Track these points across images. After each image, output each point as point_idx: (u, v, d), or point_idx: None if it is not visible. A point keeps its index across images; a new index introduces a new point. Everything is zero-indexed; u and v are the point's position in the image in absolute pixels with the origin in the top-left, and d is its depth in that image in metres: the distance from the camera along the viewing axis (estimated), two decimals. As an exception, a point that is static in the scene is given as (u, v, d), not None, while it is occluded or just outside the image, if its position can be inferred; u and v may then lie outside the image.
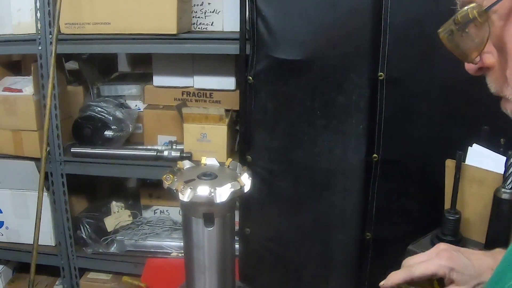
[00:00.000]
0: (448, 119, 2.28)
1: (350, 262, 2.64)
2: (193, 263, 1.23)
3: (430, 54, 2.26)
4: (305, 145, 2.49)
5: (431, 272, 1.19)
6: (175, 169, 1.20)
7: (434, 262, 1.19)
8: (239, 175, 1.14)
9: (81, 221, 3.24)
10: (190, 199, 1.08)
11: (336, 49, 2.35)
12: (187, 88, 3.09)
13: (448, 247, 1.24)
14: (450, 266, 1.18)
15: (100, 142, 3.07)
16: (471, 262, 1.20)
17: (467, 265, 1.19)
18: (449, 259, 1.19)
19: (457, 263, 1.18)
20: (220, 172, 1.19)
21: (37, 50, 2.83)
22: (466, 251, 1.24)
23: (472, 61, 0.90)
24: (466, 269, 1.18)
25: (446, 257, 1.19)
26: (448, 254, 1.20)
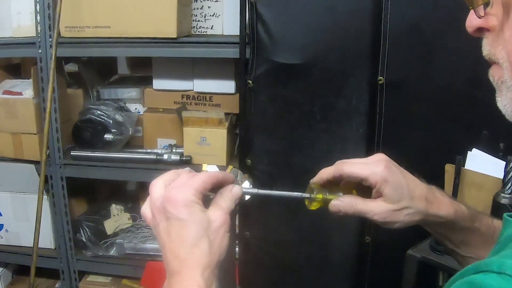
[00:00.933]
0: (448, 124, 2.28)
1: (349, 265, 2.64)
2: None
3: (430, 58, 2.28)
4: (304, 148, 2.50)
5: (363, 175, 1.09)
6: None
7: (369, 167, 1.10)
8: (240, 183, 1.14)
9: (80, 224, 3.23)
10: None
11: (335, 53, 2.36)
12: (187, 92, 3.09)
13: (388, 159, 1.12)
14: (385, 177, 1.07)
15: (100, 145, 3.06)
16: (407, 182, 1.10)
17: (401, 184, 1.08)
18: (386, 169, 1.08)
19: (393, 178, 1.08)
20: None
21: (37, 53, 2.82)
22: (404, 171, 1.13)
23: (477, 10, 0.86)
24: (400, 187, 1.08)
25: (384, 166, 1.09)
26: (387, 164, 1.10)
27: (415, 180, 1.13)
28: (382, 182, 1.07)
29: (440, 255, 1.91)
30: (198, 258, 0.92)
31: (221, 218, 0.97)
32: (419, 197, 1.10)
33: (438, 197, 1.14)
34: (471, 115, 2.25)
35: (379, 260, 2.56)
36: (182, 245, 0.93)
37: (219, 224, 0.96)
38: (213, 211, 0.97)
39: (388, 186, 1.07)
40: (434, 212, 1.11)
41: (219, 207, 0.99)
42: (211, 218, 0.95)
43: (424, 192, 1.11)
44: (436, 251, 1.93)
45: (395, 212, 1.08)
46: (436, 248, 1.93)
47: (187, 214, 0.93)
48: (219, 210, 0.98)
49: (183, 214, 0.93)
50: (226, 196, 1.02)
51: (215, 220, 0.96)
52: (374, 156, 1.14)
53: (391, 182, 1.07)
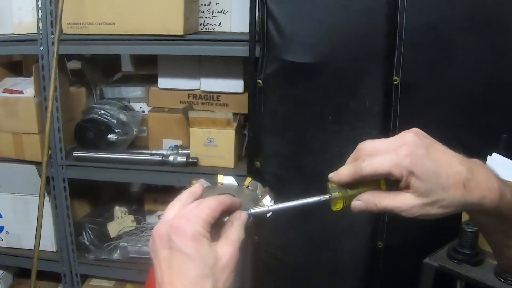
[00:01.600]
0: (465, 127, 2.21)
1: (360, 271, 2.58)
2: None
3: (447, 59, 2.21)
4: (316, 151, 2.43)
5: (384, 171, 0.93)
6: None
7: (390, 159, 0.93)
8: (260, 198, 1.05)
9: (83, 227, 3.18)
10: None
11: (349, 53, 2.29)
12: (194, 91, 3.02)
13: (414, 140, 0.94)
14: (410, 169, 0.91)
15: (103, 146, 3.00)
16: (439, 170, 0.92)
17: (431, 173, 0.92)
18: (410, 158, 0.91)
19: (420, 167, 0.92)
20: (239, 193, 1.09)
21: (39, 51, 2.76)
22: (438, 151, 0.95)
23: None
24: (429, 177, 0.92)
25: (408, 154, 0.92)
26: (411, 151, 0.92)
27: (451, 162, 0.95)
28: (408, 175, 0.91)
29: (459, 264, 1.85)
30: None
31: (229, 255, 0.89)
32: (454, 185, 0.93)
33: (480, 180, 0.95)
34: (490, 118, 2.20)
35: (392, 266, 2.50)
36: (183, 282, 0.85)
37: (226, 262, 0.88)
38: (222, 247, 0.89)
39: (414, 179, 0.92)
40: (473, 201, 0.94)
41: (228, 241, 0.91)
42: (218, 255, 0.88)
43: (462, 178, 0.93)
44: (454, 259, 1.87)
45: (425, 207, 0.93)
46: (454, 257, 1.87)
47: (193, 249, 0.85)
48: (229, 246, 0.90)
49: (189, 248, 0.85)
50: (236, 225, 0.94)
51: (222, 257, 0.88)
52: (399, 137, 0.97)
53: (418, 173, 0.91)
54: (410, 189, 0.93)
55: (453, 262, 1.87)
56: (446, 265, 1.87)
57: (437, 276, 1.90)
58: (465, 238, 1.83)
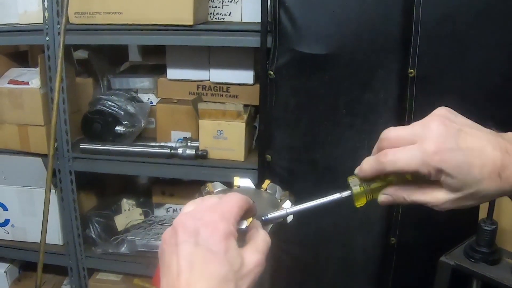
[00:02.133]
0: (481, 121, 2.14)
1: (372, 267, 2.56)
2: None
3: (463, 52, 2.17)
4: (328, 144, 2.39)
5: (409, 169, 0.85)
6: (204, 192, 1.05)
7: (416, 157, 0.83)
8: (280, 202, 0.99)
9: (90, 220, 3.16)
10: None
11: (363, 44, 2.24)
12: (203, 82, 2.97)
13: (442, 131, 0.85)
14: (439, 167, 0.82)
15: (111, 138, 2.96)
16: (471, 161, 0.83)
17: (463, 167, 0.83)
18: (439, 155, 0.82)
19: (450, 164, 0.83)
20: (257, 197, 1.03)
21: (44, 41, 2.71)
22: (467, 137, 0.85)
23: None
24: (461, 171, 0.83)
25: (436, 151, 0.82)
26: (439, 146, 0.83)
27: (484, 148, 0.85)
28: (437, 173, 0.83)
29: (475, 263, 1.83)
30: None
31: (255, 263, 0.80)
32: (489, 175, 0.84)
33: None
34: (507, 112, 2.15)
35: (405, 263, 2.47)
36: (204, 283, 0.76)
37: (251, 270, 0.79)
38: (250, 253, 0.81)
39: (444, 176, 0.83)
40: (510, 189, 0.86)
41: (256, 247, 0.83)
42: (245, 260, 0.79)
43: (497, 166, 0.84)
44: (471, 258, 1.84)
45: (459, 201, 0.86)
46: (471, 255, 1.84)
47: (223, 248, 0.77)
48: (256, 253, 0.82)
49: (219, 247, 0.76)
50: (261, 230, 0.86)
51: (248, 263, 0.79)
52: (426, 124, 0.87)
53: (448, 170, 0.83)
54: (442, 184, 0.85)
55: (470, 261, 1.84)
56: (463, 263, 1.85)
57: (453, 275, 1.87)
58: (482, 236, 1.82)
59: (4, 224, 3.21)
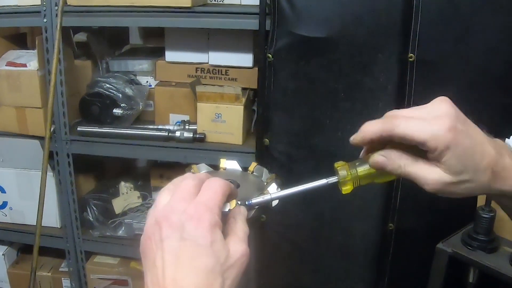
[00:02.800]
0: (483, 107, 2.15)
1: (370, 253, 2.56)
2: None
3: (465, 36, 2.15)
4: (327, 129, 2.38)
5: (419, 138, 0.81)
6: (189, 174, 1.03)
7: (431, 129, 0.81)
8: (266, 185, 0.97)
9: (87, 203, 3.15)
10: None
11: (363, 27, 2.23)
12: (202, 65, 2.95)
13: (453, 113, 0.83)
14: (449, 143, 0.80)
15: (109, 120, 2.94)
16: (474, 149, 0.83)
17: (468, 152, 0.82)
18: (453, 133, 0.81)
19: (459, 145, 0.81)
20: (243, 179, 1.01)
21: (42, 23, 2.69)
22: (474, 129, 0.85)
23: None
24: (465, 156, 0.82)
25: (450, 128, 0.81)
26: (453, 125, 0.81)
27: (484, 143, 0.85)
28: (444, 150, 0.81)
29: (473, 251, 1.82)
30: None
31: (240, 253, 0.78)
32: (484, 169, 0.84)
33: (508, 166, 0.87)
34: (508, 98, 2.15)
35: (403, 249, 2.47)
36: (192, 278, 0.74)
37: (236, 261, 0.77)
38: (234, 243, 0.79)
39: (450, 154, 0.82)
40: (498, 188, 0.86)
41: (238, 238, 0.81)
42: (230, 252, 0.77)
43: (492, 162, 0.85)
44: (468, 245, 1.83)
45: (452, 185, 0.84)
46: (468, 243, 1.82)
47: (209, 241, 0.75)
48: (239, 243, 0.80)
49: (205, 240, 0.75)
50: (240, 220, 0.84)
51: (233, 255, 0.77)
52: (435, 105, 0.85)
53: (455, 150, 0.81)
54: (441, 164, 0.83)
55: (467, 249, 1.83)
56: (460, 251, 1.84)
57: (449, 262, 1.87)
58: (480, 223, 1.80)
59: (2, 207, 3.21)
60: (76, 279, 3.24)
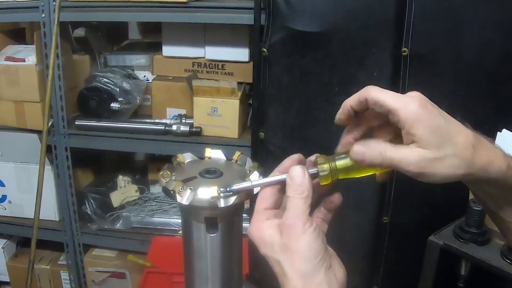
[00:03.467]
0: (476, 102, 2.16)
1: (365, 246, 2.56)
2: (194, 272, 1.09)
3: (458, 30, 2.14)
4: (321, 122, 2.38)
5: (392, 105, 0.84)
6: (174, 163, 1.06)
7: (401, 99, 0.84)
8: (248, 173, 0.99)
9: (86, 196, 3.16)
10: (189, 202, 0.93)
11: (357, 22, 2.22)
12: (198, 59, 2.97)
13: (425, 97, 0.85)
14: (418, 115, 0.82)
15: (106, 114, 2.96)
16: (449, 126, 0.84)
17: (440, 126, 0.83)
18: (421, 107, 0.83)
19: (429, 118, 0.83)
20: (227, 168, 1.03)
21: (40, 18, 2.70)
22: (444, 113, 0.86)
23: None
24: (438, 129, 0.83)
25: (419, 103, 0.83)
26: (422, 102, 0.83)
27: (458, 124, 0.87)
28: (414, 121, 0.82)
29: (464, 243, 1.82)
30: None
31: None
32: (464, 144, 0.84)
33: (487, 146, 0.88)
34: (501, 93, 2.14)
35: (397, 242, 2.47)
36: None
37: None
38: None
39: (422, 127, 0.82)
40: (482, 164, 0.85)
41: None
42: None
43: (471, 139, 0.85)
44: (460, 238, 1.83)
45: (435, 161, 0.83)
46: (460, 235, 1.83)
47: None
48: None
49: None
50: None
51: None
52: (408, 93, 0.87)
53: (426, 123, 0.82)
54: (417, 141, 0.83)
55: (459, 241, 1.83)
56: (451, 243, 1.83)
57: (442, 255, 1.87)
58: (472, 216, 1.79)
59: (1, 201, 3.23)
60: (74, 271, 3.26)
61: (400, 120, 0.83)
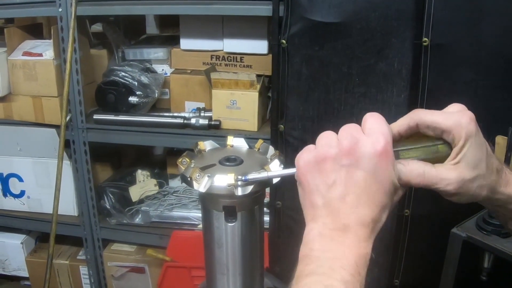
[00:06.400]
0: (499, 91, 2.13)
1: (386, 239, 2.53)
2: (214, 262, 1.08)
3: (479, 20, 2.11)
4: (341, 114, 2.36)
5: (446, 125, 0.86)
6: (195, 151, 1.04)
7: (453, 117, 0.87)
8: (269, 162, 0.97)
9: (104, 191, 3.15)
10: (206, 189, 0.92)
11: (376, 12, 2.20)
12: (216, 52, 2.95)
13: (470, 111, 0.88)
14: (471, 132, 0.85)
15: (124, 108, 2.95)
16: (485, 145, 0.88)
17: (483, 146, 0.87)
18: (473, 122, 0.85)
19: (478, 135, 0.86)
20: (248, 156, 1.02)
21: (57, 12, 2.70)
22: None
23: None
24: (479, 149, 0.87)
25: (470, 118, 0.85)
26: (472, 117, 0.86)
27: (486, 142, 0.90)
28: (467, 138, 0.85)
29: (487, 235, 1.79)
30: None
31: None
32: (491, 167, 0.89)
33: (506, 172, 0.92)
34: None
35: (418, 235, 2.45)
36: (370, 211, 0.85)
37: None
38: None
39: (472, 145, 0.86)
40: (501, 189, 0.91)
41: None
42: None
43: (496, 163, 0.90)
44: (483, 230, 1.80)
45: (469, 182, 0.87)
46: (483, 227, 1.80)
47: (388, 178, 0.86)
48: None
49: (384, 176, 0.85)
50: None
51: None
52: (452, 106, 0.91)
53: (475, 140, 0.86)
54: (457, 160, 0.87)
55: (482, 233, 1.81)
56: (474, 235, 1.82)
57: (464, 247, 1.85)
58: (494, 209, 1.77)
59: (20, 196, 3.24)
60: (93, 266, 3.26)
61: (454, 138, 0.87)
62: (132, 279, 3.23)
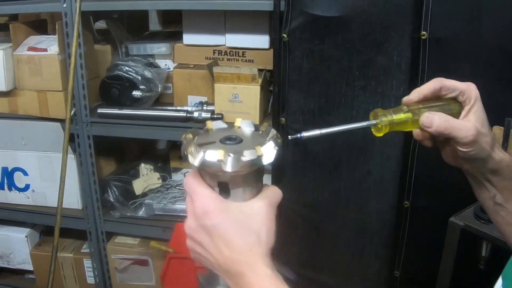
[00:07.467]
0: (496, 84, 2.15)
1: (386, 231, 2.55)
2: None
3: (478, 13, 2.13)
4: (341, 107, 2.38)
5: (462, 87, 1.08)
6: (203, 129, 1.07)
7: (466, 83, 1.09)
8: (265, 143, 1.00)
9: (108, 184, 3.18)
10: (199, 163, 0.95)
11: (376, 6, 2.22)
12: (219, 47, 2.98)
13: None
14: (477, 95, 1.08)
15: (128, 102, 2.98)
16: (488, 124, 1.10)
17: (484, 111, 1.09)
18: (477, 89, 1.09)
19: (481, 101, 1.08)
20: (250, 137, 1.05)
21: (62, 8, 2.73)
22: None
23: None
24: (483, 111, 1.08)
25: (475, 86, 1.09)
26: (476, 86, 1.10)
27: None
28: (476, 99, 1.08)
29: (485, 224, 1.82)
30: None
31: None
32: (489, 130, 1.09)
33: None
34: None
35: (418, 226, 2.46)
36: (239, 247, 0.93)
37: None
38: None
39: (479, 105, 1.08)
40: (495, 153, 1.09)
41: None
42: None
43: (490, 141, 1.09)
44: (480, 219, 1.83)
45: (482, 135, 1.05)
46: (480, 216, 1.83)
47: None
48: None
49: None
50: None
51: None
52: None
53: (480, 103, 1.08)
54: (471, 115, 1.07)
55: (480, 222, 1.83)
56: (472, 224, 1.84)
57: (462, 236, 1.87)
58: (492, 196, 1.78)
59: (25, 189, 3.26)
60: (97, 259, 3.29)
61: (468, 98, 1.07)
62: (136, 271, 3.26)
